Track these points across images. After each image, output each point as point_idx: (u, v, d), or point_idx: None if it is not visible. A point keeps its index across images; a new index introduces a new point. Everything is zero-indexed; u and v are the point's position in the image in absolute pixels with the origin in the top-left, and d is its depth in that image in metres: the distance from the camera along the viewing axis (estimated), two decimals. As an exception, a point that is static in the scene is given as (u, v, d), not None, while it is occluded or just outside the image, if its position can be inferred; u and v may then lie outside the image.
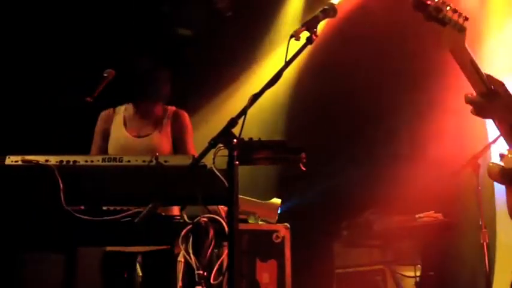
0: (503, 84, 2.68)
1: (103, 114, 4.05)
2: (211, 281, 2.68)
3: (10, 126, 5.45)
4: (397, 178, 6.09)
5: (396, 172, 6.12)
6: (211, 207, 2.96)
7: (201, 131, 4.72)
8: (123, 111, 4.05)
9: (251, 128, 2.55)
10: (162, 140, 3.93)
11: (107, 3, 6.16)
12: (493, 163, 3.09)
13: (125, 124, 3.99)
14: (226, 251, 2.67)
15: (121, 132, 3.95)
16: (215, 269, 2.75)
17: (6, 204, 2.81)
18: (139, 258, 3.82)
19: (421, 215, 5.23)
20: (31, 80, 5.75)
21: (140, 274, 3.84)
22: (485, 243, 4.43)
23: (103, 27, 6.06)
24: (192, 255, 2.70)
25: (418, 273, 5.17)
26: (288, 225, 4.85)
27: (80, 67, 5.53)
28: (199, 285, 2.68)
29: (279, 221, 4.95)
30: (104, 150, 3.92)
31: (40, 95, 5.65)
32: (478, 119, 2.91)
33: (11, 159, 2.86)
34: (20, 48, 5.80)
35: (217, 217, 2.83)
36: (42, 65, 5.80)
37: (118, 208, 2.86)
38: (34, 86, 5.72)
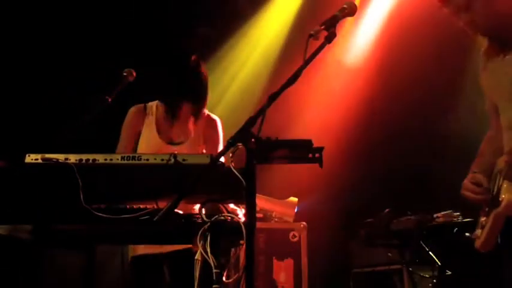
0: None
1: (133, 110, 3.92)
2: (224, 280, 2.68)
3: (30, 125, 5.49)
4: (416, 177, 6.07)
5: (415, 171, 6.10)
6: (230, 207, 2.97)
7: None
8: (155, 110, 3.90)
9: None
10: (196, 148, 3.80)
11: (128, 2, 6.18)
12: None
13: (157, 126, 3.86)
14: (242, 250, 2.67)
15: (153, 137, 3.82)
16: (227, 267, 2.74)
17: (26, 202, 2.83)
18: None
19: (439, 214, 5.20)
20: (51, 78, 5.78)
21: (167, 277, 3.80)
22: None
23: (123, 26, 6.08)
24: (210, 254, 2.71)
25: (435, 274, 5.14)
26: (305, 224, 4.85)
27: (100, 66, 5.55)
28: (216, 284, 2.69)
29: (296, 220, 4.95)
30: (132, 146, 3.82)
31: (60, 94, 5.68)
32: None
33: (30, 158, 2.88)
34: (41, 46, 5.83)
35: (234, 216, 2.84)
36: (62, 64, 5.83)
37: (136, 206, 2.87)
38: (54, 85, 5.76)
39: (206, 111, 3.93)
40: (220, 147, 3.86)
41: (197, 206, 3.52)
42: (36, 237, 2.91)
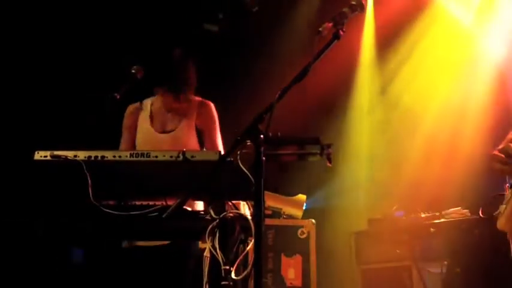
0: None
1: (130, 108, 4.01)
2: (233, 276, 2.68)
3: (39, 122, 5.50)
4: (425, 174, 6.05)
5: (424, 168, 6.09)
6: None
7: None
8: (150, 105, 4.00)
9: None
10: (187, 134, 3.88)
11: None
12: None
13: (151, 118, 3.94)
14: (251, 246, 2.67)
15: (146, 128, 3.91)
16: (236, 263, 2.75)
17: (35, 199, 2.84)
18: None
19: (448, 211, 5.19)
20: (59, 75, 5.80)
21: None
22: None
23: (130, 22, 6.09)
24: (218, 251, 2.71)
25: (444, 270, 5.13)
26: (314, 221, 4.85)
27: (108, 62, 5.56)
28: (225, 280, 2.69)
29: (304, 217, 4.95)
30: (132, 145, 3.90)
31: (68, 90, 5.70)
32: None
33: (40, 155, 2.89)
34: (49, 43, 5.85)
35: (243, 213, 2.84)
36: (71, 60, 5.85)
37: (145, 203, 2.88)
38: (63, 82, 5.77)
39: (199, 98, 3.99)
40: (218, 132, 3.93)
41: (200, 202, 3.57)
42: (45, 234, 2.92)
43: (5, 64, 5.60)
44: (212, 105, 3.99)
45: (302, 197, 4.96)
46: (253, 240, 2.50)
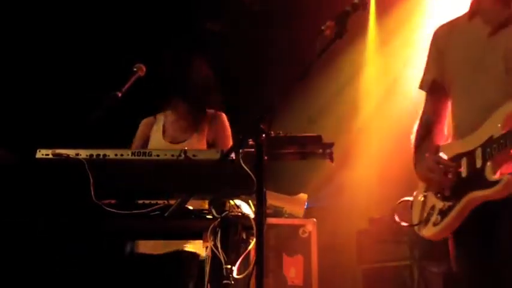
0: None
1: (144, 121, 4.06)
2: (235, 276, 2.68)
3: (41, 120, 5.51)
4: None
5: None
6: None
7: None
8: (163, 118, 4.02)
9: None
10: (197, 146, 3.84)
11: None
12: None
13: (163, 131, 3.97)
14: (253, 246, 2.67)
15: (158, 139, 3.92)
16: (238, 263, 2.75)
17: (37, 197, 2.84)
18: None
19: (449, 210, 5.18)
20: (61, 74, 5.80)
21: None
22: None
23: (133, 21, 6.09)
24: (220, 250, 2.71)
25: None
26: (315, 220, 4.86)
27: (111, 61, 5.56)
28: (227, 279, 2.69)
29: (306, 216, 4.95)
30: None
31: (70, 89, 5.70)
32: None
33: (41, 153, 2.89)
34: (51, 41, 5.85)
35: (244, 212, 2.84)
36: (73, 58, 5.85)
37: (147, 202, 2.88)
38: (64, 80, 5.78)
39: (212, 110, 3.97)
40: (230, 142, 3.90)
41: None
42: (46, 232, 2.92)
43: (6, 63, 5.60)
44: (224, 116, 3.98)
45: (303, 196, 4.96)
46: (254, 240, 2.49)
